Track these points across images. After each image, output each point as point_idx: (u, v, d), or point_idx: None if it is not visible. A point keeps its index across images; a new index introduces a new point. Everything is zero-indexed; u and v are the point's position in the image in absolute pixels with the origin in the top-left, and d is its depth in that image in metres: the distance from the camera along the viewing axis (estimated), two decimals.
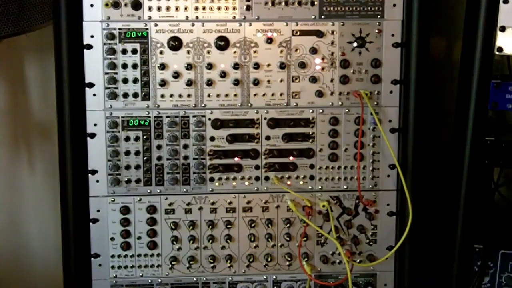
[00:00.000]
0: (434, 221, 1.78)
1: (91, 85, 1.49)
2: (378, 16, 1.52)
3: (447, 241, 1.59)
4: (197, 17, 1.49)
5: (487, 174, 1.66)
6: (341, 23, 1.51)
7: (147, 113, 1.51)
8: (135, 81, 1.50)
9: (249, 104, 1.53)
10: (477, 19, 1.47)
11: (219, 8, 1.49)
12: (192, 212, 1.55)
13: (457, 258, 1.57)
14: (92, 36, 1.48)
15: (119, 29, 1.48)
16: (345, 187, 1.57)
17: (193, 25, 1.49)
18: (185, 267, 1.57)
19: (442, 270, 1.64)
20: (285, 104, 1.53)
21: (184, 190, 1.55)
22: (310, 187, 1.56)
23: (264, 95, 1.53)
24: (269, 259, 1.58)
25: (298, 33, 1.51)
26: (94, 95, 1.50)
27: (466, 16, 1.55)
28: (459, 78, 1.59)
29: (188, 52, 1.50)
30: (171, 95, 1.51)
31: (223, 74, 1.51)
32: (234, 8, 1.49)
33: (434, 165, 1.80)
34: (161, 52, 1.50)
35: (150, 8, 1.48)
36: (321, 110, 1.54)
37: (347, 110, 1.54)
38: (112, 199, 1.53)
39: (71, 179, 1.50)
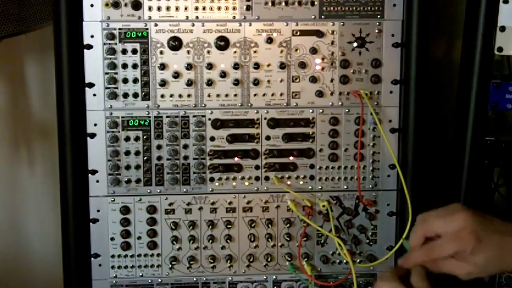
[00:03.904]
0: None
1: (91, 85, 1.49)
2: (378, 16, 1.52)
3: None
4: (197, 17, 1.49)
5: (487, 174, 1.66)
6: (341, 23, 1.51)
7: (147, 113, 1.51)
8: (135, 81, 1.50)
9: (249, 104, 1.53)
10: (477, 19, 1.46)
11: (219, 8, 1.49)
12: (192, 212, 1.55)
13: None
14: (92, 36, 1.48)
15: (119, 29, 1.48)
16: (345, 187, 1.57)
17: (193, 25, 1.49)
18: (185, 267, 1.57)
19: None
20: (285, 104, 1.53)
21: (184, 190, 1.55)
22: (310, 187, 1.56)
23: (264, 95, 1.53)
24: (269, 259, 1.58)
25: (298, 33, 1.51)
26: (94, 95, 1.50)
27: (466, 16, 1.54)
28: (459, 78, 1.59)
29: (188, 52, 1.50)
30: (171, 95, 1.51)
31: (223, 74, 1.51)
32: (234, 8, 1.49)
33: (434, 165, 1.80)
34: (161, 52, 1.50)
35: (150, 8, 1.48)
36: (321, 110, 1.54)
37: (347, 110, 1.54)
38: (112, 199, 1.53)
39: (71, 179, 1.50)
